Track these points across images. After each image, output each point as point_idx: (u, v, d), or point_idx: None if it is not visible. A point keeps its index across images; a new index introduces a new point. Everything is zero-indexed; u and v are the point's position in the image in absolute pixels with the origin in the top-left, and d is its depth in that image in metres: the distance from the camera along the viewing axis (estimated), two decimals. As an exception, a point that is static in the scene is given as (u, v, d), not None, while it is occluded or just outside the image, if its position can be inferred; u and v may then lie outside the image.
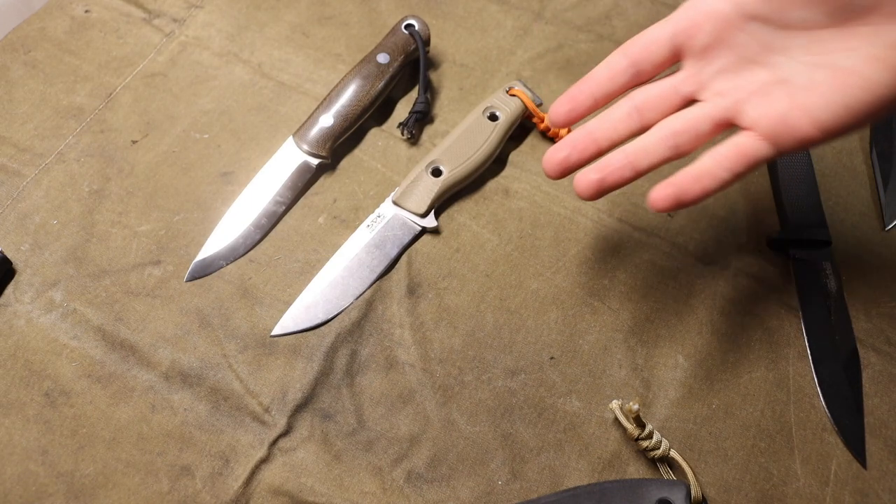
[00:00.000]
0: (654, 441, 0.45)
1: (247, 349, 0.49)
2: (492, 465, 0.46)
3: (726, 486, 0.46)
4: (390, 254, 0.53)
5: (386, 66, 0.58)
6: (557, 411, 0.48)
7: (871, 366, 0.50)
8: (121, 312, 0.50)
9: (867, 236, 0.56)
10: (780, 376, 0.50)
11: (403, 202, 0.54)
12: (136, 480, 0.44)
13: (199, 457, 0.45)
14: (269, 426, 0.46)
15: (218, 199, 0.55)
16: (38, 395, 0.47)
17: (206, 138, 0.58)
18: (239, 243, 0.53)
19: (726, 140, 0.40)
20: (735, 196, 0.58)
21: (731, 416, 0.48)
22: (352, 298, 0.51)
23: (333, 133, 0.56)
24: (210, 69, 0.62)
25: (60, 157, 0.56)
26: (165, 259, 0.52)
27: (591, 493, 0.45)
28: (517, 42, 0.65)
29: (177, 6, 0.65)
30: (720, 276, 0.54)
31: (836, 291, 0.53)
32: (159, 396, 0.47)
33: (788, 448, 0.47)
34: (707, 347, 0.51)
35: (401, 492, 0.45)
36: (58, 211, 0.54)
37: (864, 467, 0.47)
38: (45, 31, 0.63)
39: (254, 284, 0.52)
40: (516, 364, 0.49)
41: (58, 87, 0.60)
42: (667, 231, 0.56)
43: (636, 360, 0.50)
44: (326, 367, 0.48)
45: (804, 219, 0.55)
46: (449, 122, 0.60)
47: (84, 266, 0.52)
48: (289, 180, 0.55)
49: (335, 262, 0.52)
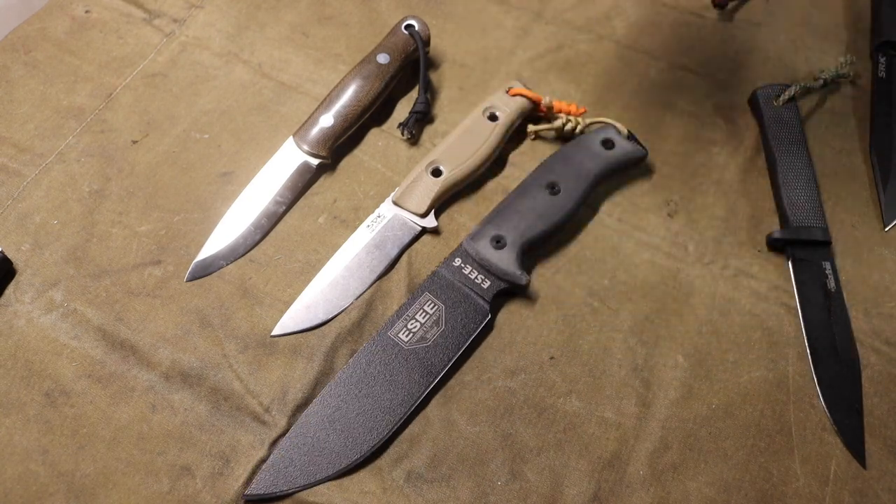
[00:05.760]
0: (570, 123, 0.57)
1: (247, 349, 0.49)
2: (492, 465, 0.46)
3: (726, 486, 0.46)
4: (390, 254, 0.53)
5: (386, 67, 0.58)
6: (557, 411, 0.48)
7: (871, 366, 0.50)
8: (121, 312, 0.50)
9: (867, 236, 0.56)
10: (780, 376, 0.50)
11: (403, 202, 0.54)
12: (137, 480, 0.44)
13: (200, 457, 0.45)
14: (269, 426, 0.46)
15: (218, 199, 0.55)
16: (38, 395, 0.47)
17: (206, 138, 0.58)
18: (239, 243, 0.53)
19: None
20: (735, 196, 0.58)
21: (730, 416, 0.48)
22: (352, 298, 0.51)
23: (333, 133, 0.56)
24: (210, 69, 0.62)
25: (61, 157, 0.56)
26: (165, 259, 0.52)
27: (555, 159, 0.55)
28: (517, 42, 0.65)
29: (177, 6, 0.65)
30: (720, 276, 0.54)
31: (836, 291, 0.53)
32: (159, 396, 0.47)
33: (788, 448, 0.47)
34: (707, 347, 0.51)
35: (401, 492, 0.45)
36: (58, 211, 0.54)
37: (863, 467, 0.47)
38: (45, 32, 0.63)
39: (254, 284, 0.52)
40: (516, 364, 0.49)
41: (58, 87, 0.60)
42: (667, 231, 0.56)
43: (636, 360, 0.50)
44: (326, 367, 0.48)
45: (804, 219, 0.55)
46: (449, 122, 0.60)
47: (84, 266, 0.52)
48: (289, 180, 0.55)
49: (335, 262, 0.52)
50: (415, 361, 0.48)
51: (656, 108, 0.62)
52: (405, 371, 0.47)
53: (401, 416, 0.46)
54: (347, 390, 0.47)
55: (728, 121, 0.62)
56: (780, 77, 0.64)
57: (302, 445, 0.45)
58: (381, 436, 0.46)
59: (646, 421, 0.48)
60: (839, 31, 0.68)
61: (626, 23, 0.67)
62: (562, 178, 0.54)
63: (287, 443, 0.45)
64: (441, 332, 0.49)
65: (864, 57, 0.65)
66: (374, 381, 0.47)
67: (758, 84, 0.62)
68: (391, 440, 0.46)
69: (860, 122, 0.62)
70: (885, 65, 0.64)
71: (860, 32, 0.67)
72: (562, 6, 0.68)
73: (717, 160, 0.59)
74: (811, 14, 0.69)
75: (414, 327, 0.49)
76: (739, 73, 0.64)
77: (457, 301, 0.50)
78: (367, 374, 0.47)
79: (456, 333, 0.49)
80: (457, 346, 0.48)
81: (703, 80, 0.64)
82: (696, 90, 0.63)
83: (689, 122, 0.61)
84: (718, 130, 0.61)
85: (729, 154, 0.60)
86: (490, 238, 0.51)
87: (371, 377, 0.47)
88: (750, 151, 0.60)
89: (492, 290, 0.50)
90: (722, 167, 0.59)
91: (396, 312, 0.50)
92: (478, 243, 0.51)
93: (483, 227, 0.52)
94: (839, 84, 0.64)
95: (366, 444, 0.45)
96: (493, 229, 0.52)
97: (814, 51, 0.66)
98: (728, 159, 0.60)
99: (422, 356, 0.48)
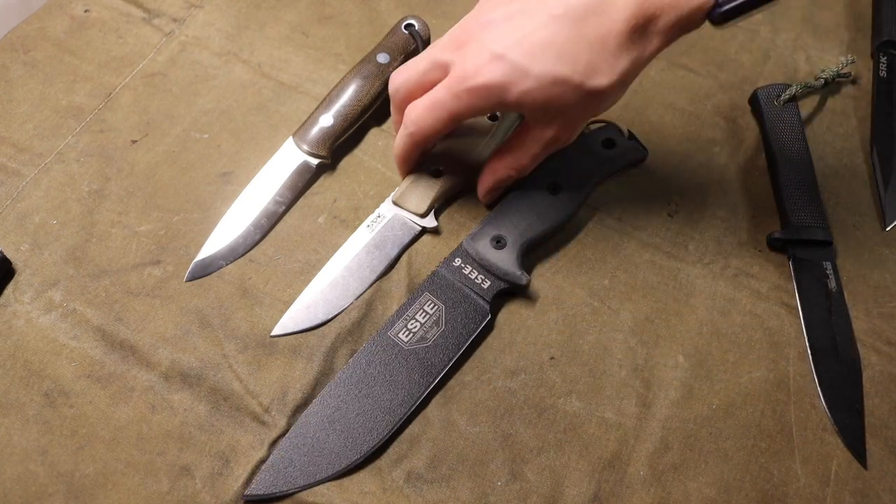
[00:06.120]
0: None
1: (247, 349, 0.49)
2: (492, 465, 0.46)
3: (727, 487, 0.46)
4: (390, 254, 0.53)
5: (386, 66, 0.58)
6: (557, 411, 0.48)
7: (871, 366, 0.50)
8: (121, 312, 0.50)
9: (867, 236, 0.56)
10: (781, 376, 0.50)
11: (403, 202, 0.54)
12: (136, 480, 0.44)
13: (199, 457, 0.45)
14: (269, 426, 0.46)
15: (218, 199, 0.55)
16: (37, 395, 0.47)
17: (205, 138, 0.58)
18: (239, 243, 0.53)
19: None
20: (735, 196, 0.58)
21: (731, 416, 0.48)
22: (352, 298, 0.51)
23: (333, 133, 0.56)
24: (210, 69, 0.62)
25: (60, 157, 0.56)
26: (165, 259, 0.52)
27: (555, 159, 0.53)
28: (517, 42, 0.65)
29: (177, 6, 0.65)
30: (720, 276, 0.54)
31: (836, 291, 0.53)
32: (159, 396, 0.47)
33: (789, 448, 0.47)
34: (707, 347, 0.51)
35: (401, 492, 0.45)
36: (57, 211, 0.54)
37: (864, 467, 0.47)
38: (44, 31, 0.63)
39: (254, 284, 0.52)
40: (516, 364, 0.49)
41: (57, 86, 0.60)
42: (667, 231, 0.56)
43: (636, 360, 0.50)
44: (326, 367, 0.48)
45: (804, 219, 0.55)
46: (449, 122, 0.60)
47: (84, 266, 0.51)
48: (289, 180, 0.55)
49: (335, 263, 0.52)
50: (415, 361, 0.48)
51: (656, 108, 0.62)
52: (405, 371, 0.47)
53: (401, 416, 0.46)
54: (347, 390, 0.47)
55: (728, 121, 0.62)
56: (781, 77, 0.64)
57: (302, 446, 0.45)
58: (380, 436, 0.45)
59: (646, 421, 0.48)
60: (840, 31, 0.68)
61: (627, 22, 0.67)
62: (562, 178, 0.54)
63: (287, 443, 0.45)
64: (441, 332, 0.49)
65: (865, 56, 0.65)
66: (373, 382, 0.47)
67: (758, 84, 0.62)
68: (391, 440, 0.46)
69: (861, 122, 0.62)
70: (885, 64, 0.64)
71: (861, 32, 0.67)
72: (562, 6, 0.67)
73: (718, 160, 0.59)
74: (812, 13, 0.69)
75: (414, 327, 0.49)
76: (740, 72, 0.64)
77: (457, 301, 0.50)
78: (367, 375, 0.47)
79: (456, 333, 0.49)
80: (457, 346, 0.48)
81: (703, 80, 0.64)
82: (696, 90, 0.63)
83: (690, 122, 0.61)
84: (719, 130, 0.61)
85: (729, 154, 0.60)
86: (490, 238, 0.51)
87: (371, 377, 0.47)
88: (750, 151, 0.60)
89: (492, 290, 0.50)
90: (722, 167, 0.59)
91: (396, 312, 0.50)
92: (478, 243, 0.51)
93: (483, 227, 0.52)
94: (840, 84, 0.64)
95: (366, 445, 0.45)
96: (493, 229, 0.52)
97: (814, 50, 0.66)
98: (728, 159, 0.60)
99: (422, 356, 0.48)
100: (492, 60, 0.44)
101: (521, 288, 0.51)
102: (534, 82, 0.44)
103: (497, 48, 0.44)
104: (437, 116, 0.47)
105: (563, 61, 0.43)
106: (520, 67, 0.43)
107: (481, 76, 0.44)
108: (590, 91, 0.44)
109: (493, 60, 0.44)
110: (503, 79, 0.44)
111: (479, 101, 0.45)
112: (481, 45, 0.44)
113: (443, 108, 0.46)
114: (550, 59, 0.43)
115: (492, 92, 0.44)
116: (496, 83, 0.44)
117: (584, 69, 0.43)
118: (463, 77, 0.45)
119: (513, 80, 0.44)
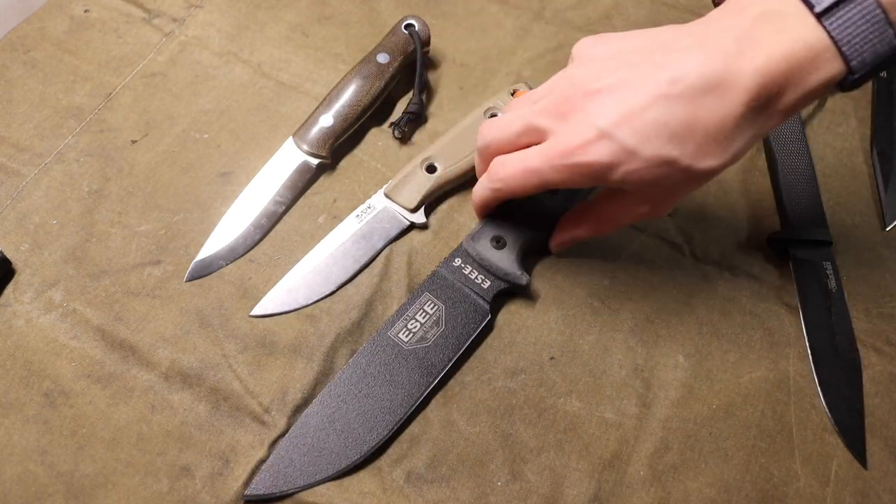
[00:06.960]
0: None
1: (247, 349, 0.49)
2: (492, 465, 0.46)
3: (727, 487, 0.46)
4: (376, 245, 0.53)
5: (386, 66, 0.58)
6: (557, 411, 0.48)
7: (872, 366, 0.50)
8: (120, 312, 0.50)
9: (867, 236, 0.56)
10: (781, 376, 0.50)
11: (395, 195, 0.54)
12: (136, 480, 0.44)
13: (199, 457, 0.45)
14: (269, 426, 0.46)
15: (218, 199, 0.55)
16: (37, 395, 0.47)
17: (205, 138, 0.58)
18: (239, 243, 0.53)
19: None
20: (735, 196, 0.58)
21: (731, 417, 0.48)
22: (333, 286, 0.51)
23: (333, 133, 0.56)
24: (210, 69, 0.62)
25: (60, 157, 0.56)
26: (165, 259, 0.52)
27: None
28: (517, 42, 0.65)
29: (177, 6, 0.65)
30: (720, 276, 0.54)
31: (836, 291, 0.53)
32: (159, 396, 0.47)
33: (789, 448, 0.47)
34: (707, 347, 0.51)
35: (401, 492, 0.45)
36: (57, 211, 0.54)
37: (864, 468, 0.47)
38: (44, 31, 0.63)
39: (254, 284, 0.52)
40: (516, 364, 0.49)
41: (57, 86, 0.60)
42: (667, 231, 0.56)
43: (636, 360, 0.50)
44: (326, 367, 0.48)
45: (804, 219, 0.55)
46: (448, 122, 0.60)
47: (84, 266, 0.51)
48: (289, 180, 0.55)
49: (321, 249, 0.52)
50: (415, 361, 0.48)
51: (656, 107, 0.62)
52: (405, 371, 0.47)
53: (401, 416, 0.46)
54: (347, 390, 0.47)
55: (728, 120, 0.62)
56: (781, 77, 0.64)
57: (302, 446, 0.45)
58: (380, 436, 0.45)
59: (646, 421, 0.48)
60: (839, 31, 0.68)
61: (627, 22, 0.66)
62: None
63: (287, 443, 0.45)
64: (441, 332, 0.49)
65: (865, 57, 0.65)
66: (373, 382, 0.47)
67: (758, 84, 0.62)
68: (391, 440, 0.46)
69: (861, 122, 0.62)
70: (885, 64, 0.64)
71: (860, 32, 0.67)
72: (562, 6, 0.67)
73: (718, 160, 0.59)
74: (811, 14, 0.68)
75: (414, 327, 0.49)
76: (740, 72, 0.64)
77: (457, 301, 0.50)
78: (366, 375, 0.47)
79: (456, 333, 0.49)
80: (457, 346, 0.48)
81: (703, 79, 0.64)
82: (696, 90, 0.63)
83: (690, 121, 0.61)
84: (719, 130, 0.61)
85: (729, 154, 0.60)
86: (490, 238, 0.51)
87: (371, 377, 0.47)
88: (750, 151, 0.60)
89: (492, 290, 0.50)
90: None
91: (396, 312, 0.50)
92: (478, 243, 0.51)
93: (483, 227, 0.52)
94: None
95: (366, 445, 0.45)
96: (494, 229, 0.52)
97: (814, 50, 0.66)
98: (728, 159, 0.59)
99: (422, 356, 0.48)
100: (599, 138, 0.41)
101: (521, 288, 0.51)
102: (641, 164, 0.41)
103: (604, 124, 0.40)
104: (527, 181, 0.44)
105: (673, 143, 0.40)
106: (628, 149, 0.40)
107: (587, 155, 0.41)
108: (698, 172, 0.41)
109: (601, 139, 0.40)
110: (610, 159, 0.41)
111: (579, 178, 0.43)
112: (586, 119, 0.41)
113: (537, 176, 0.44)
114: (662, 142, 0.40)
115: (595, 171, 0.42)
116: (602, 163, 0.41)
117: (695, 152, 0.40)
118: (565, 152, 0.42)
119: (620, 161, 0.41)
